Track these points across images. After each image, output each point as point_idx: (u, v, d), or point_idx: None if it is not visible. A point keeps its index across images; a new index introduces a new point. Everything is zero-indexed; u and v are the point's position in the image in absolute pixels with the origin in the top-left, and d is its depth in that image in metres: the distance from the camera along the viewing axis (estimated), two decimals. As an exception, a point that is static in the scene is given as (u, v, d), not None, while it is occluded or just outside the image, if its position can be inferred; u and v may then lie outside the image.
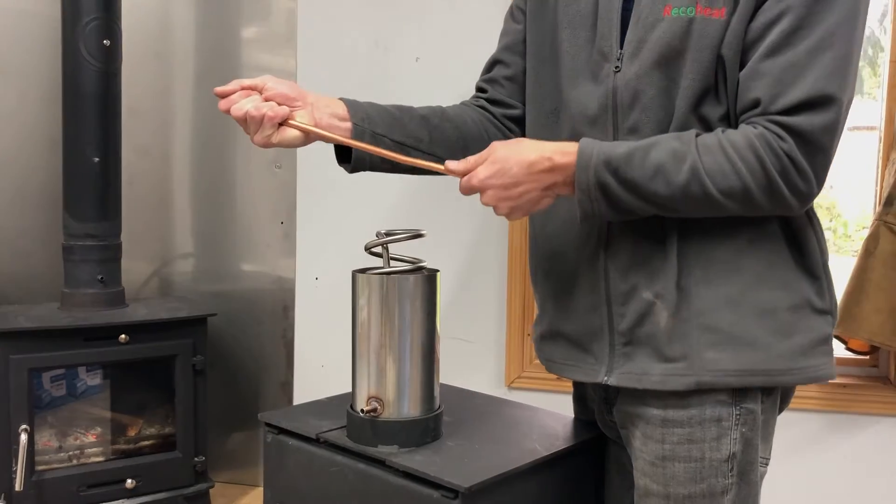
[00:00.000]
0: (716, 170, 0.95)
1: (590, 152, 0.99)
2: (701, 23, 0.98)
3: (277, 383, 2.68)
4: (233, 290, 2.70)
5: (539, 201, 1.03)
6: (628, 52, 1.04)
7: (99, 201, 2.24)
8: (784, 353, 1.04)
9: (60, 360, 2.12)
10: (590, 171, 0.98)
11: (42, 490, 2.06)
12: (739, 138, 0.96)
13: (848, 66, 0.95)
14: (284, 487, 1.31)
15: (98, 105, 2.21)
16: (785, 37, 0.94)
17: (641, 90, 1.03)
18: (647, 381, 1.06)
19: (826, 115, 0.94)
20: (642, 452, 1.09)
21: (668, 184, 0.96)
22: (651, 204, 0.99)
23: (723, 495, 1.05)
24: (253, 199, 2.67)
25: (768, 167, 0.94)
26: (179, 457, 2.26)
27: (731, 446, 1.05)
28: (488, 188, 1.02)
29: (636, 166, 0.97)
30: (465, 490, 1.05)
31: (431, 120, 1.21)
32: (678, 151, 0.96)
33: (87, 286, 2.23)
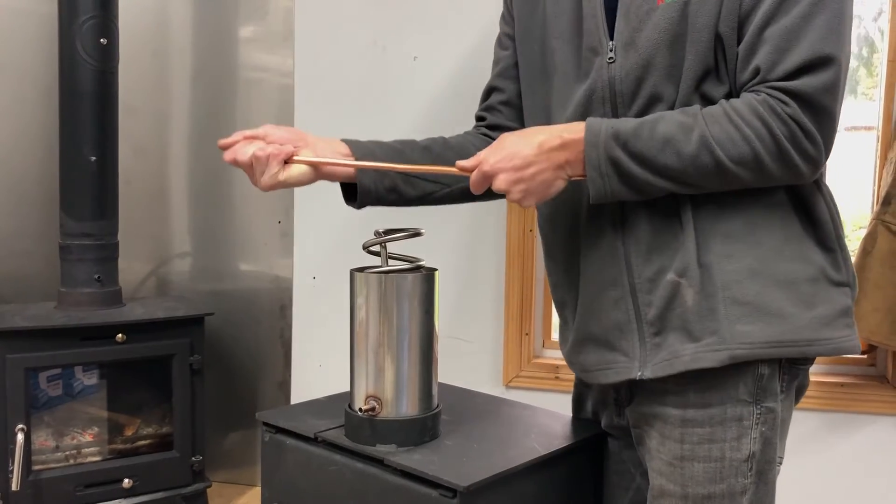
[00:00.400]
0: (724, 138, 0.96)
1: (598, 127, 1.00)
2: (696, 5, 0.99)
3: (275, 383, 2.67)
4: (230, 290, 2.70)
5: (552, 183, 1.03)
6: (621, 42, 1.05)
7: (96, 200, 2.24)
8: (809, 324, 1.03)
9: (57, 359, 2.12)
10: (599, 146, 0.99)
11: (39, 490, 2.05)
12: (743, 106, 0.97)
13: (841, 26, 0.95)
14: (282, 487, 1.31)
15: (95, 104, 2.20)
16: (777, 5, 0.96)
17: (643, 78, 1.03)
18: (678, 363, 1.04)
19: (826, 75, 0.94)
20: (659, 453, 1.08)
21: (679, 155, 0.97)
22: (663, 178, 0.99)
23: (742, 495, 1.05)
24: (250, 197, 2.67)
25: (776, 132, 0.95)
26: (177, 456, 2.25)
27: (751, 446, 1.04)
28: (499, 171, 1.02)
29: (645, 139, 0.98)
30: (463, 489, 1.05)
31: (433, 149, 1.24)
32: (685, 123, 0.97)
33: (84, 285, 2.22)
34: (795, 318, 1.02)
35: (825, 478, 1.99)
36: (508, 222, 2.15)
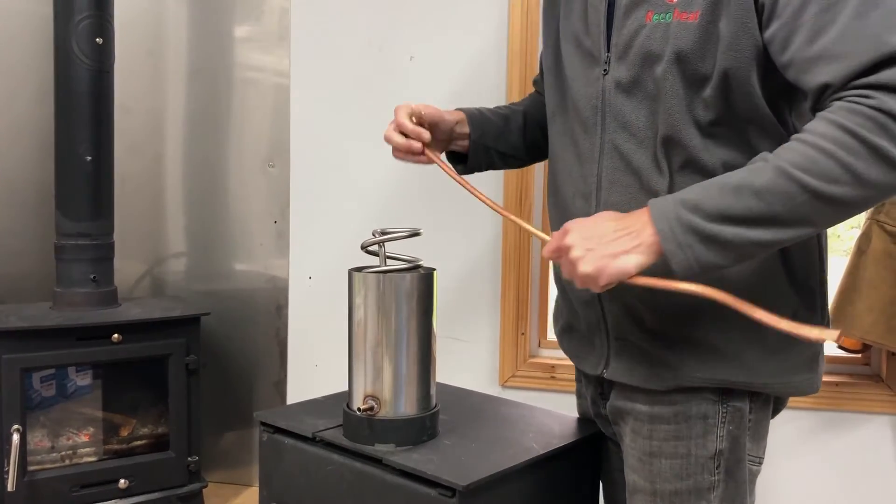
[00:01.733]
0: (801, 160, 0.85)
1: (662, 202, 0.93)
2: (677, 27, 0.98)
3: (271, 383, 2.67)
4: (226, 290, 2.70)
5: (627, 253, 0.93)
6: (615, 55, 1.05)
7: (91, 200, 2.23)
8: (769, 370, 1.05)
9: (53, 359, 2.11)
10: (670, 216, 0.90)
11: (34, 490, 2.05)
12: (815, 123, 0.87)
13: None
14: (280, 487, 1.31)
15: (91, 103, 2.20)
16: (821, 16, 0.88)
17: (631, 92, 1.04)
18: (634, 377, 1.09)
19: None
20: (631, 448, 1.11)
21: (757, 193, 0.86)
22: (750, 225, 0.87)
23: (709, 492, 1.06)
24: (246, 197, 2.66)
25: (859, 132, 0.83)
26: (173, 457, 2.25)
27: (717, 443, 1.06)
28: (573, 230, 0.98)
29: (714, 194, 0.89)
30: (462, 488, 1.05)
31: (525, 130, 1.37)
32: (754, 166, 0.89)
33: (80, 285, 2.22)
34: (754, 364, 1.04)
35: (819, 476, 2.00)
36: (505, 223, 2.16)
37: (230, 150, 2.67)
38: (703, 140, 1.00)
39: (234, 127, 2.66)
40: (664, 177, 1.02)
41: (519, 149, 1.37)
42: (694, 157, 1.01)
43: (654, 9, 1.00)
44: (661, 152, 1.02)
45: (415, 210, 2.22)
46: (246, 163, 2.65)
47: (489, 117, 1.34)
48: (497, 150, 1.34)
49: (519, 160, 1.40)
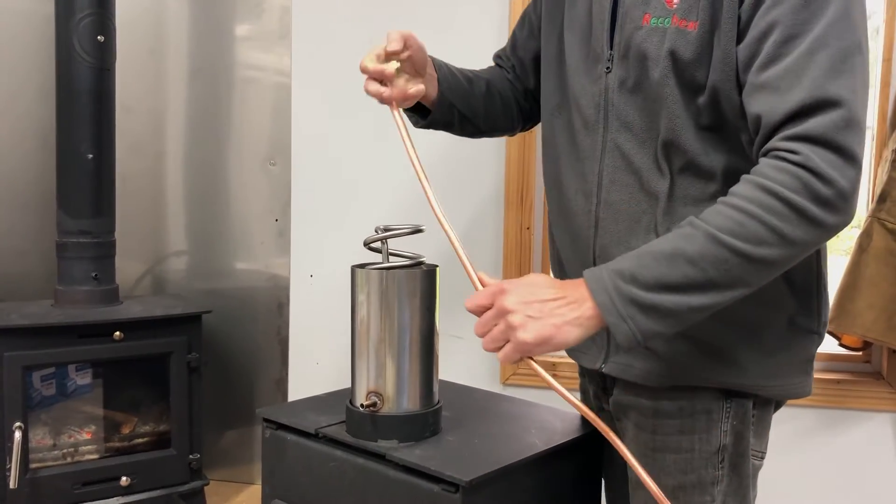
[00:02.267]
0: (730, 224, 0.86)
1: (599, 273, 0.92)
2: (675, 34, 0.98)
3: (272, 381, 2.67)
4: (227, 288, 2.70)
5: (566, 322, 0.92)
6: (617, 53, 1.05)
7: (93, 198, 2.23)
8: (763, 372, 1.05)
9: (54, 357, 2.12)
10: (608, 288, 0.90)
11: (37, 488, 2.05)
12: (741, 186, 0.89)
13: (845, 63, 0.88)
14: (283, 483, 1.31)
15: (92, 101, 2.20)
16: (777, 47, 0.90)
17: (634, 93, 1.04)
18: (630, 372, 1.10)
19: (836, 114, 0.86)
20: (635, 443, 1.11)
21: (691, 261, 0.87)
22: (691, 292, 0.88)
23: (713, 486, 1.06)
24: (247, 196, 2.67)
25: (783, 193, 0.85)
26: (174, 454, 2.25)
27: (721, 438, 1.06)
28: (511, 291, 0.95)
29: (649, 264, 0.89)
30: (465, 484, 1.05)
31: (485, 99, 1.33)
32: (683, 232, 0.90)
33: (81, 283, 2.22)
34: (750, 369, 1.04)
35: (820, 474, 2.00)
36: (506, 220, 2.16)
37: (231, 149, 2.67)
38: (703, 145, 1.00)
39: (234, 125, 2.67)
40: (665, 178, 1.02)
41: (478, 115, 1.32)
42: (694, 161, 1.01)
43: (653, 12, 1.00)
44: (662, 154, 1.02)
45: (416, 208, 2.22)
46: (247, 161, 2.65)
47: (456, 75, 1.30)
48: (459, 110, 1.29)
49: (474, 127, 1.34)
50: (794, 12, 0.89)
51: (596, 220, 1.10)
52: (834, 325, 1.90)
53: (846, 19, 0.90)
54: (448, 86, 1.27)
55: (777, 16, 0.90)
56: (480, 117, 1.33)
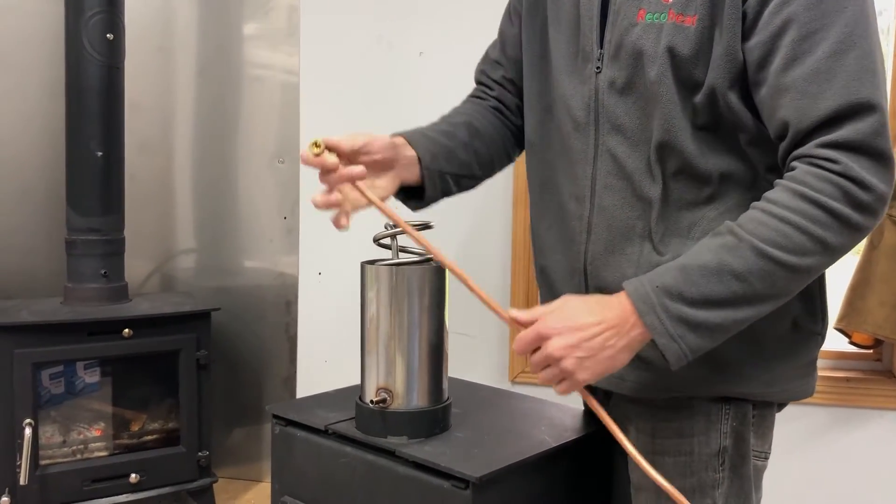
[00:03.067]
0: (776, 237, 0.86)
1: (641, 290, 0.90)
2: (672, 29, 0.94)
3: (280, 378, 2.68)
4: (235, 286, 2.70)
5: (617, 356, 0.91)
6: (608, 53, 1.02)
7: (102, 195, 2.24)
8: (766, 380, 1.04)
9: (64, 354, 2.12)
10: (656, 309, 0.89)
11: (46, 484, 2.06)
12: (783, 194, 0.87)
13: (875, 64, 0.86)
14: (292, 479, 1.31)
15: (101, 99, 2.21)
16: (796, 45, 0.87)
17: (625, 92, 1.01)
18: (623, 386, 1.07)
19: (872, 119, 0.85)
20: (634, 446, 1.08)
21: (738, 277, 0.86)
22: (738, 307, 0.88)
23: (713, 489, 1.05)
24: (256, 194, 2.67)
25: (826, 203, 0.84)
26: (183, 451, 2.25)
27: (721, 440, 1.04)
28: (556, 334, 0.91)
29: (696, 279, 0.88)
30: (475, 480, 1.05)
31: (472, 144, 1.22)
32: (727, 244, 0.88)
33: (91, 280, 2.23)
34: (751, 375, 1.03)
35: (830, 472, 1.99)
36: (514, 217, 2.15)
37: (239, 147, 2.68)
38: (699, 146, 0.98)
39: (243, 123, 2.67)
40: (657, 183, 1.00)
41: (471, 166, 1.22)
42: (689, 163, 0.98)
43: (648, 7, 0.97)
44: (655, 157, 0.99)
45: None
46: (255, 159, 2.66)
47: (433, 137, 1.18)
48: (451, 173, 1.19)
49: (473, 179, 1.24)
50: (808, 9, 0.87)
51: (589, 226, 1.07)
52: (844, 323, 1.89)
53: (864, 16, 0.87)
54: (431, 157, 1.16)
55: (791, 13, 0.88)
56: (475, 166, 1.23)
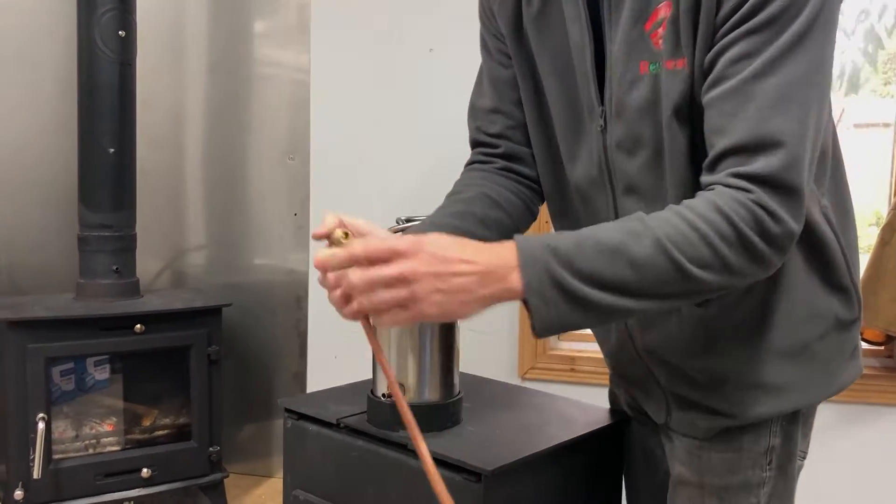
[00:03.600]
0: (681, 239, 0.82)
1: (531, 246, 0.83)
2: (668, 77, 0.90)
3: (291, 374, 2.69)
4: (246, 282, 2.71)
5: (470, 298, 0.81)
6: (610, 111, 0.97)
7: (114, 192, 2.25)
8: (820, 383, 1.03)
9: (76, 349, 2.14)
10: (538, 266, 0.81)
11: (59, 478, 2.07)
12: (698, 203, 0.85)
13: (795, 91, 0.82)
14: (304, 473, 1.32)
15: (113, 96, 2.22)
16: (727, 66, 0.84)
17: (634, 152, 0.96)
18: (695, 429, 1.06)
19: (780, 155, 0.82)
20: (680, 440, 1.08)
21: (633, 264, 0.81)
22: (622, 295, 0.82)
23: (759, 487, 1.03)
24: (266, 190, 2.68)
25: (737, 222, 0.82)
26: (195, 446, 2.27)
27: (770, 438, 1.03)
28: (419, 255, 0.80)
29: (589, 252, 0.82)
30: (488, 473, 1.05)
31: (490, 216, 1.11)
32: (632, 229, 0.84)
33: (103, 276, 2.24)
34: (808, 388, 1.02)
35: (841, 469, 1.99)
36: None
37: (250, 144, 2.69)
38: None
39: (253, 120, 2.68)
40: None
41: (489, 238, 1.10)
42: None
43: (648, 58, 0.92)
44: None
45: (435, 201, 2.22)
46: (265, 156, 2.67)
47: (447, 224, 1.07)
48: None
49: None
50: (750, 33, 0.83)
51: None
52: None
53: (803, 41, 0.82)
54: None
55: (736, 35, 0.84)
56: (497, 237, 1.04)
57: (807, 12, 0.80)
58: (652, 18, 0.90)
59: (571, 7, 0.98)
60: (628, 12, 0.91)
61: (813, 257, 0.99)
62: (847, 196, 1.04)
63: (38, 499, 2.04)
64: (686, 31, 0.87)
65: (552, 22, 1.01)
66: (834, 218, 1.00)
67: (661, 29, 0.89)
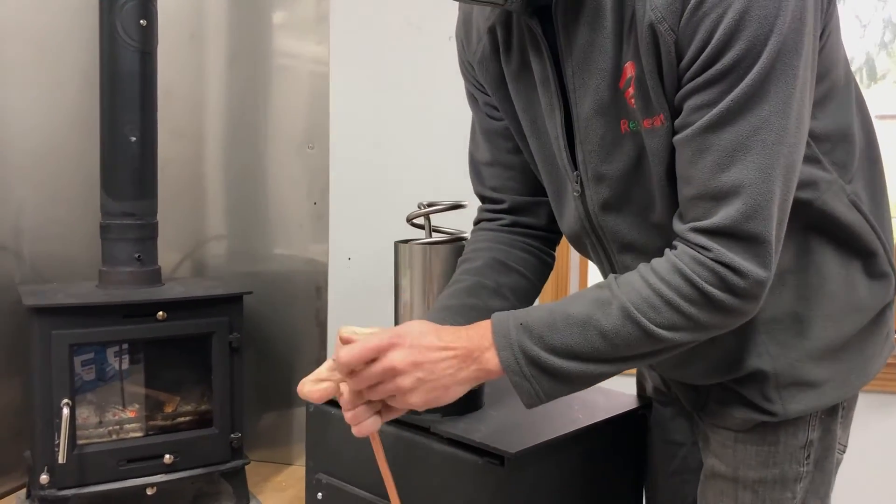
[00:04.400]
0: (645, 306, 0.84)
1: (503, 324, 0.86)
2: (649, 135, 0.88)
3: (311, 363, 2.70)
4: (266, 271, 2.72)
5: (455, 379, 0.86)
6: (587, 175, 0.95)
7: (136, 180, 2.27)
8: (859, 373, 1.00)
9: (99, 336, 2.16)
10: (513, 344, 0.85)
11: (83, 463, 2.09)
12: (662, 265, 0.85)
13: (753, 138, 0.80)
14: (327, 457, 1.33)
15: (135, 84, 2.23)
16: (688, 114, 0.83)
17: (622, 211, 0.95)
18: (732, 421, 1.03)
19: (738, 204, 0.81)
20: (714, 432, 1.06)
21: (602, 334, 0.84)
22: (597, 362, 0.85)
23: (795, 483, 1.01)
24: (285, 179, 2.69)
25: (699, 284, 0.83)
26: (216, 433, 2.28)
27: (808, 432, 1.00)
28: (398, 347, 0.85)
29: (560, 326, 0.85)
30: (510, 456, 1.05)
31: (504, 283, 1.09)
32: (600, 297, 0.86)
33: (125, 264, 2.26)
34: (851, 379, 1.00)
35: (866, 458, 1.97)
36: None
37: (269, 133, 2.69)
38: None
39: (272, 110, 2.69)
40: None
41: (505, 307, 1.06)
42: None
43: (626, 116, 0.89)
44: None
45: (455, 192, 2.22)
46: (285, 145, 2.67)
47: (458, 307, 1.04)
48: None
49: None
50: (709, 83, 0.81)
51: None
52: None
53: (761, 90, 0.79)
54: None
55: (696, 85, 0.82)
56: (514, 302, 1.09)
57: (762, 61, 0.78)
58: (623, 76, 0.88)
59: (540, 69, 0.95)
60: (600, 73, 0.89)
61: (847, 248, 0.97)
62: (882, 184, 1.02)
63: (63, 483, 2.06)
64: (655, 89, 0.85)
65: (529, 82, 0.99)
66: (866, 205, 0.98)
67: (631, 88, 0.87)
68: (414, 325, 0.88)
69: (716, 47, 0.79)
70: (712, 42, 0.79)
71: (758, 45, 0.78)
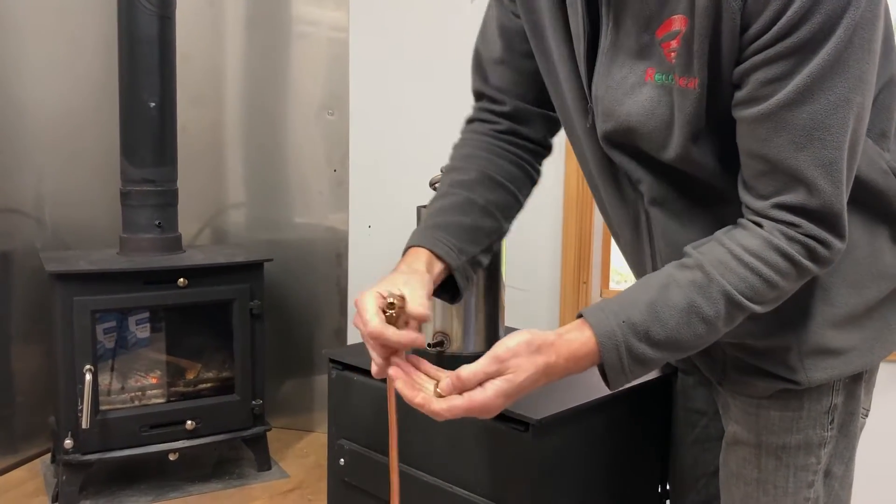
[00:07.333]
0: (746, 287, 0.84)
1: (607, 323, 0.84)
2: (680, 94, 0.84)
3: (331, 330, 2.70)
4: (286, 239, 2.72)
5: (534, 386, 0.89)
6: (599, 110, 0.92)
7: (156, 146, 2.26)
8: (885, 341, 0.99)
9: (121, 302, 2.17)
10: (619, 345, 0.84)
11: (106, 429, 2.11)
12: (755, 242, 0.84)
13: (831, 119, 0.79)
14: (349, 423, 1.32)
15: (154, 49, 2.21)
16: (758, 87, 0.80)
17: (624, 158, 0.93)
18: (752, 391, 1.02)
19: (823, 184, 0.81)
20: (734, 398, 1.04)
21: (706, 320, 0.84)
22: (694, 347, 0.87)
23: (819, 448, 0.99)
24: (305, 146, 2.67)
25: (796, 258, 0.83)
26: (238, 399, 2.30)
27: (832, 396, 0.98)
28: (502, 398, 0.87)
29: (665, 319, 0.84)
30: (535, 422, 1.04)
31: (492, 201, 1.06)
32: (696, 281, 0.84)
33: (145, 231, 2.26)
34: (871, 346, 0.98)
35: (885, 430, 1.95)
36: (567, 169, 2.12)
37: (289, 99, 2.67)
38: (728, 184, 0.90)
39: (291, 75, 2.66)
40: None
41: (498, 228, 1.07)
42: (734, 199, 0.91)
43: (657, 66, 0.85)
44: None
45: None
46: (305, 111, 2.65)
47: (452, 226, 1.02)
48: (480, 250, 1.04)
49: (500, 235, 1.09)
50: (782, 56, 0.78)
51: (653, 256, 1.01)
52: None
53: (837, 65, 0.77)
54: (458, 250, 1.01)
55: (767, 57, 0.78)
56: (501, 222, 1.07)
57: (839, 35, 0.75)
58: (665, 27, 0.84)
59: None
60: (635, 13, 0.85)
61: (875, 214, 0.95)
62: None
63: (87, 448, 2.09)
64: (700, 55, 0.81)
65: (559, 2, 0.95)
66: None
67: (675, 42, 0.83)
68: (528, 366, 0.86)
69: (791, 18, 0.75)
70: (788, 13, 0.75)
71: (834, 17, 0.75)
